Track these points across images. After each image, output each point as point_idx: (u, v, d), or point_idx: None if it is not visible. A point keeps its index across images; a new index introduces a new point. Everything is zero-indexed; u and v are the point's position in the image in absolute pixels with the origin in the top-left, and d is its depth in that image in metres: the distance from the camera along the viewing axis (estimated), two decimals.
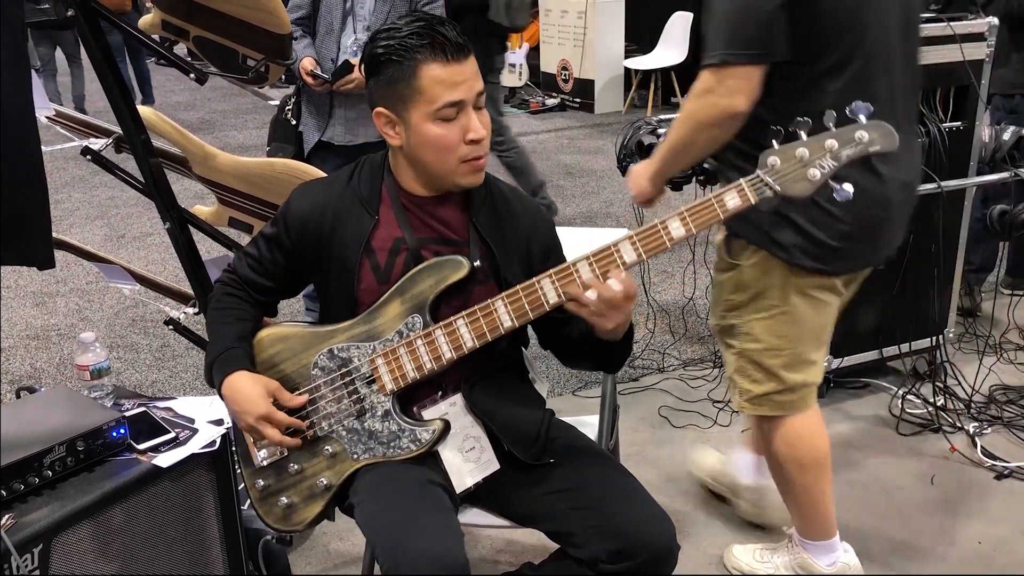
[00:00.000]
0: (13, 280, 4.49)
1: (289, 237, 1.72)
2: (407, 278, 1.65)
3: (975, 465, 2.79)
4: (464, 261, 1.63)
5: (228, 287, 1.79)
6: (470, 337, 1.61)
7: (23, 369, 3.58)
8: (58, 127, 2.41)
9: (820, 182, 1.51)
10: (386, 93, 1.60)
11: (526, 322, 1.61)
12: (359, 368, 1.67)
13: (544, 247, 1.74)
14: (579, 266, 1.55)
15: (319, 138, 3.10)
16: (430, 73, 1.55)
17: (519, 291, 1.58)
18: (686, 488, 2.72)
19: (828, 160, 1.51)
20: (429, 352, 1.63)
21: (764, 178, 1.51)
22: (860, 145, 1.51)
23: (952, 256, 3.19)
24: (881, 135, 1.51)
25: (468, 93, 1.58)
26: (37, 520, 1.60)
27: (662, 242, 1.54)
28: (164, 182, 2.18)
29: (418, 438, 1.66)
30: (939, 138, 2.95)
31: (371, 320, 1.67)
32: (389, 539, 1.53)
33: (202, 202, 2.52)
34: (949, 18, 2.93)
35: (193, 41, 2.14)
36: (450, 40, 1.56)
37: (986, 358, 3.25)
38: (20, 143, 1.61)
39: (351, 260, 1.68)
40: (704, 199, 1.53)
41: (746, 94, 1.85)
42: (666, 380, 3.38)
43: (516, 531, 1.77)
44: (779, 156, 1.52)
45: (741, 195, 1.52)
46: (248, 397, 1.65)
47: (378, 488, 1.64)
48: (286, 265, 1.75)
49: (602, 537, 1.59)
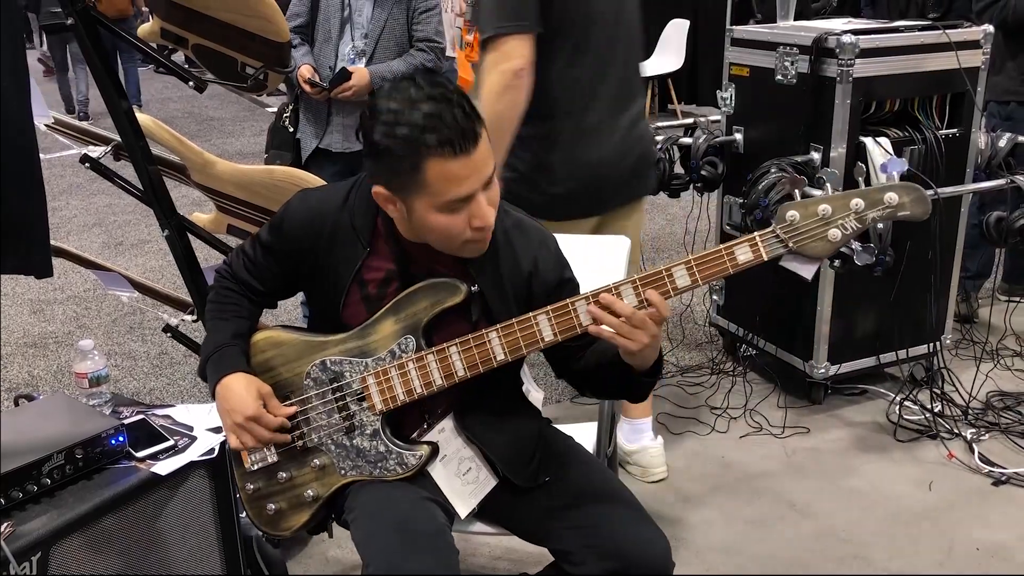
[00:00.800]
0: (11, 288, 4.49)
1: (283, 244, 1.69)
2: (403, 296, 1.61)
3: (972, 471, 2.79)
4: (461, 285, 1.59)
5: (227, 281, 1.77)
6: (462, 367, 1.58)
7: (21, 377, 3.57)
8: (57, 135, 2.41)
9: (840, 244, 1.43)
10: (387, 176, 1.49)
11: (520, 357, 1.57)
12: (350, 384, 1.65)
13: (547, 284, 1.65)
14: (577, 305, 1.51)
15: (316, 145, 3.11)
16: (437, 169, 1.43)
17: (514, 324, 1.55)
18: (683, 494, 2.72)
19: (852, 221, 1.41)
20: (420, 377, 1.60)
21: (779, 234, 1.44)
22: (889, 208, 1.41)
23: (949, 263, 3.20)
24: (912, 200, 1.42)
25: (477, 184, 1.46)
26: (35, 528, 1.60)
27: (666, 291, 1.48)
28: (163, 189, 2.18)
29: (404, 462, 1.65)
30: (935, 145, 2.96)
31: (365, 336, 1.64)
32: (383, 560, 1.52)
33: (200, 209, 2.52)
34: (945, 26, 2.94)
35: (192, 49, 2.14)
36: (461, 129, 1.41)
37: (983, 364, 3.26)
38: (19, 151, 1.61)
39: (340, 285, 1.64)
40: (714, 250, 1.46)
41: (522, 56, 2.16)
42: (664, 387, 3.38)
43: (514, 539, 1.77)
44: (799, 211, 1.43)
45: (754, 250, 1.46)
46: (240, 397, 1.63)
47: (371, 507, 1.62)
48: (278, 271, 1.72)
49: (598, 556, 1.58)
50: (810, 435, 3.03)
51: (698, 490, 2.75)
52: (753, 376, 3.40)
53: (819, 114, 2.89)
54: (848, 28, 2.94)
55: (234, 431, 1.65)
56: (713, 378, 3.41)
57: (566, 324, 1.52)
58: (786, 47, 2.98)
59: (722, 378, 3.40)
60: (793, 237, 1.44)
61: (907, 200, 1.42)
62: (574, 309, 1.51)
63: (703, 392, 3.33)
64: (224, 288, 1.76)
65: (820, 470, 2.84)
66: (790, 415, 3.13)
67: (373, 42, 3.03)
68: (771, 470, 2.84)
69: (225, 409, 1.65)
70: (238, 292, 1.75)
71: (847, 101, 2.82)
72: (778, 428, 3.06)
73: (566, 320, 1.52)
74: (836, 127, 2.85)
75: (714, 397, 3.28)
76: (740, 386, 3.32)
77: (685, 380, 3.42)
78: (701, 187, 3.26)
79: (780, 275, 1.53)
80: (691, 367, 3.53)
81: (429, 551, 1.54)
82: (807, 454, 2.92)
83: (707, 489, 2.75)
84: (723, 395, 3.27)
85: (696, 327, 3.84)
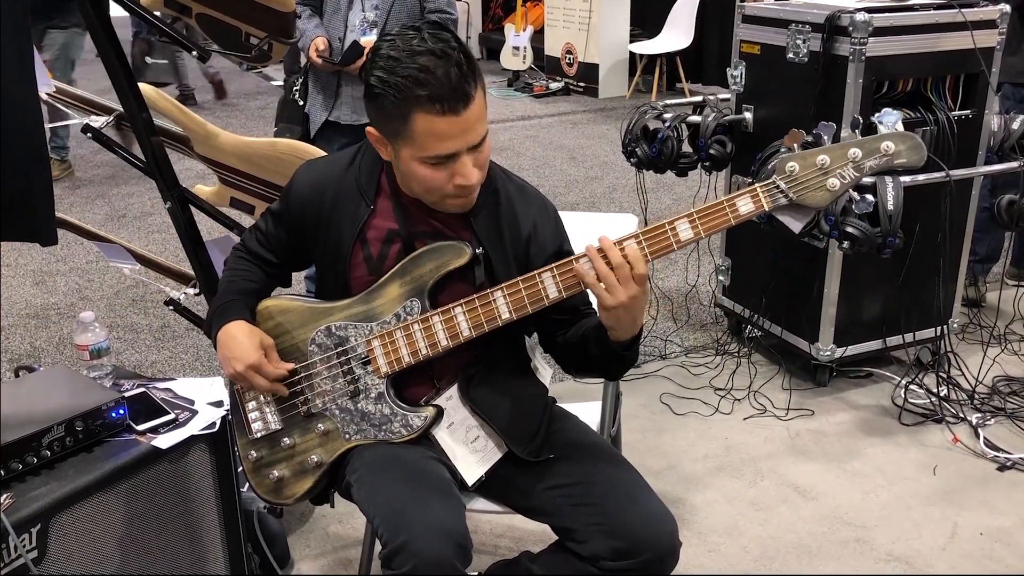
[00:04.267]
0: (13, 259, 4.48)
1: (290, 215, 1.73)
2: (408, 260, 1.63)
3: (978, 456, 2.78)
4: (466, 247, 1.61)
5: (240, 253, 1.81)
6: (467, 326, 1.59)
7: (23, 348, 3.57)
8: (59, 104, 2.38)
9: (839, 192, 1.46)
10: (378, 119, 1.53)
11: (524, 315, 1.57)
12: (355, 348, 1.67)
13: (544, 249, 1.67)
14: (581, 262, 1.52)
15: (326, 118, 3.08)
16: (423, 123, 1.45)
17: (519, 282, 1.56)
18: (687, 475, 2.72)
19: (850, 170, 1.45)
20: (425, 338, 1.61)
21: (779, 184, 1.47)
22: (885, 156, 1.44)
23: (958, 246, 3.17)
24: (908, 147, 1.45)
25: (462, 145, 1.48)
26: (35, 500, 1.59)
27: (669, 243, 1.49)
28: (165, 161, 2.16)
29: (409, 423, 1.65)
30: (948, 126, 2.93)
31: (370, 300, 1.66)
32: (390, 511, 1.52)
33: (203, 182, 2.50)
34: (960, 4, 2.90)
35: (195, 18, 2.11)
36: (453, 88, 1.42)
37: (990, 349, 3.25)
38: (23, 121, 1.60)
39: (344, 247, 1.67)
40: (716, 202, 1.48)
41: None
42: (668, 367, 3.37)
43: (516, 517, 1.76)
44: (798, 162, 1.46)
45: (755, 200, 1.47)
46: (241, 345, 1.65)
47: (377, 464, 1.63)
48: (288, 242, 1.76)
49: (604, 535, 1.57)
50: (814, 417, 3.02)
51: (701, 471, 2.74)
52: (758, 357, 3.39)
53: (830, 93, 2.85)
54: (861, 6, 2.89)
55: (235, 379, 1.68)
56: (718, 359, 3.40)
57: (570, 281, 1.53)
58: (798, 24, 2.94)
59: (727, 359, 3.39)
60: (793, 187, 1.47)
61: (903, 148, 1.44)
62: (578, 265, 1.52)
63: (707, 373, 3.31)
64: (238, 258, 1.81)
65: (824, 453, 2.82)
66: (794, 397, 3.12)
67: (384, 13, 3.00)
68: (775, 452, 2.83)
69: (226, 356, 1.67)
70: (251, 262, 1.80)
71: (859, 80, 2.78)
72: (782, 410, 3.05)
73: (570, 277, 1.53)
74: (847, 107, 2.81)
75: (718, 378, 3.26)
76: (744, 367, 3.30)
77: (689, 360, 3.41)
78: (709, 166, 3.23)
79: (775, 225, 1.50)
80: (696, 347, 3.51)
81: (437, 501, 1.53)
82: (811, 436, 2.91)
83: (710, 470, 2.75)
84: (727, 376, 3.25)
85: (701, 308, 3.82)
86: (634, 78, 8.40)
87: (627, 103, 8.03)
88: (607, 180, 5.72)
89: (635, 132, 3.21)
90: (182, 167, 2.52)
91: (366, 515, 1.60)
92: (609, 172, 5.89)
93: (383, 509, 1.53)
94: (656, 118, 3.21)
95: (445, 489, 1.59)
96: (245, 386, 1.70)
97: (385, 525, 1.50)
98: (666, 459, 2.80)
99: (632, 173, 3.44)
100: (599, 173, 5.90)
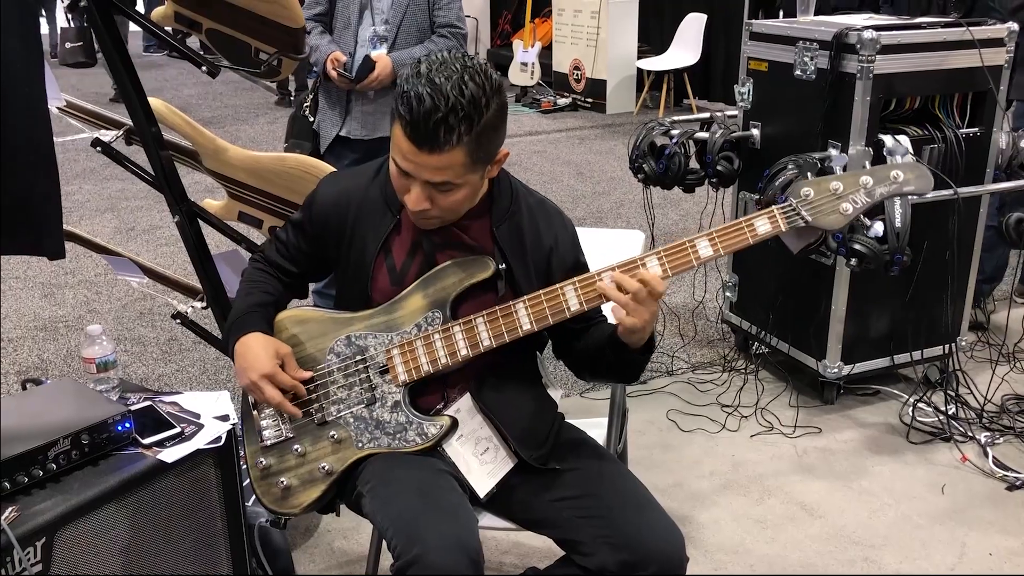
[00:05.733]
0: (22, 271, 4.50)
1: (312, 225, 1.74)
2: (432, 273, 1.66)
3: (986, 475, 2.76)
4: (491, 261, 1.64)
5: (258, 264, 1.83)
6: (487, 336, 1.61)
7: (30, 360, 3.57)
8: (69, 118, 2.39)
9: (851, 216, 1.56)
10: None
11: (545, 326, 1.61)
12: (374, 357, 1.68)
13: (564, 263, 1.71)
14: (603, 276, 1.57)
15: (337, 133, 3.09)
16: (397, 130, 1.51)
17: (541, 295, 1.60)
18: (693, 492, 2.70)
19: (861, 196, 1.56)
20: (445, 347, 1.63)
21: (797, 207, 1.56)
22: (895, 184, 1.56)
23: (966, 263, 3.16)
24: (916, 176, 1.57)
25: (415, 173, 1.51)
26: (40, 514, 1.58)
27: (689, 260, 1.56)
28: (174, 175, 2.17)
29: (424, 432, 1.66)
30: (955, 144, 2.93)
31: (392, 311, 1.68)
32: (403, 523, 1.51)
33: (212, 196, 2.51)
34: (969, 23, 2.90)
35: (206, 34, 2.13)
36: (426, 128, 1.45)
37: (999, 367, 3.23)
38: (33, 134, 1.60)
39: (368, 257, 1.69)
40: (734, 222, 1.56)
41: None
42: (675, 383, 3.36)
43: (522, 533, 1.75)
44: (813, 187, 1.56)
45: (772, 222, 1.56)
46: (257, 355, 1.66)
47: (390, 475, 1.63)
48: (309, 252, 1.78)
49: (611, 547, 1.57)
50: (822, 435, 3.00)
51: (707, 488, 2.73)
52: (765, 374, 3.37)
53: (838, 111, 2.85)
54: (869, 24, 2.90)
55: (250, 389, 1.69)
56: (725, 375, 3.39)
57: (592, 295, 1.58)
58: (806, 42, 2.95)
59: (734, 376, 3.37)
60: (808, 210, 1.56)
61: (911, 176, 1.56)
62: (600, 279, 1.57)
63: (714, 389, 3.30)
64: (255, 270, 1.83)
65: (831, 471, 2.81)
66: (802, 415, 3.10)
67: (395, 28, 3.01)
68: (781, 470, 2.82)
69: (241, 367, 1.68)
70: (268, 273, 1.81)
71: (867, 98, 2.78)
72: (789, 427, 3.03)
73: (592, 292, 1.57)
74: (855, 124, 2.81)
75: (725, 395, 3.25)
76: (752, 384, 3.29)
77: (696, 377, 3.40)
78: (716, 182, 3.23)
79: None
80: (703, 364, 3.50)
81: (451, 514, 1.54)
82: (818, 454, 2.90)
83: (716, 487, 2.73)
84: (734, 393, 3.24)
85: (708, 324, 3.82)
86: (642, 94, 8.41)
87: (634, 119, 8.04)
88: (614, 196, 5.73)
89: (642, 148, 3.21)
90: (190, 180, 2.53)
91: (378, 527, 1.60)
92: (616, 188, 5.89)
93: (397, 521, 1.53)
94: (663, 134, 3.22)
95: (459, 503, 1.59)
96: (259, 398, 1.70)
97: (399, 537, 1.50)
98: (672, 476, 2.79)
99: (639, 189, 3.44)
100: (606, 188, 5.91)
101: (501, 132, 1.55)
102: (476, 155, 1.51)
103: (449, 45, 3.07)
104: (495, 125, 1.51)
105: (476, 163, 1.53)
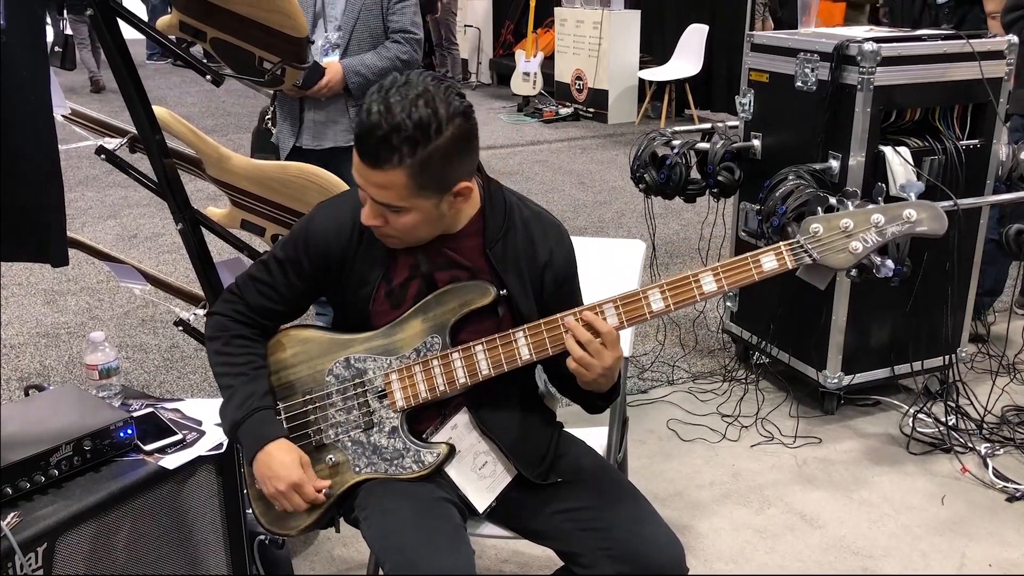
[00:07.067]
0: (24, 277, 4.51)
1: (310, 259, 1.67)
2: (432, 297, 1.63)
3: (986, 486, 2.76)
4: (491, 288, 1.62)
5: (233, 319, 1.71)
6: (486, 365, 1.60)
7: (33, 367, 3.58)
8: (74, 126, 2.41)
9: (861, 256, 1.51)
10: None
11: (544, 357, 1.60)
12: (372, 381, 1.66)
13: (557, 276, 1.69)
14: (605, 308, 1.55)
15: (293, 144, 3.04)
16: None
17: (541, 325, 1.58)
18: (693, 502, 2.70)
19: (872, 235, 1.51)
20: (444, 375, 1.62)
21: (804, 244, 1.52)
22: (907, 224, 1.51)
23: (966, 275, 3.17)
24: (930, 216, 1.51)
25: (363, 187, 1.52)
26: (42, 519, 1.59)
27: (692, 295, 1.54)
28: (177, 183, 2.18)
29: (422, 459, 1.65)
30: (955, 155, 2.94)
31: (391, 335, 1.66)
32: (401, 558, 1.51)
33: (215, 204, 2.52)
34: (968, 35, 2.91)
35: (210, 43, 2.14)
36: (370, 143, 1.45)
37: (999, 378, 3.23)
38: (39, 142, 1.61)
39: (371, 282, 1.66)
40: (740, 257, 1.53)
41: None
42: (675, 393, 3.36)
43: (521, 542, 1.76)
44: (822, 224, 1.52)
45: (779, 258, 1.53)
46: (283, 463, 1.62)
47: (387, 503, 1.62)
48: (303, 288, 1.70)
49: (610, 559, 1.57)
50: (822, 445, 3.00)
51: (707, 498, 2.73)
52: (765, 384, 3.38)
53: (838, 122, 2.87)
54: (870, 36, 2.91)
55: (274, 498, 1.64)
56: (725, 385, 3.39)
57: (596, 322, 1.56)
58: (807, 53, 2.96)
59: (734, 386, 3.38)
60: (817, 248, 1.51)
61: (924, 216, 1.51)
62: (601, 312, 1.55)
63: (715, 399, 3.31)
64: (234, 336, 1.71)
65: (831, 481, 2.81)
66: (802, 425, 3.10)
67: (347, 34, 2.96)
68: (781, 480, 2.82)
69: (267, 476, 1.63)
70: (248, 337, 1.71)
71: (867, 109, 2.80)
72: (789, 438, 3.04)
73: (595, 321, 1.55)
74: (855, 135, 2.82)
75: (726, 404, 3.25)
76: (752, 394, 3.29)
77: (697, 387, 3.40)
78: (717, 193, 3.24)
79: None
80: (703, 374, 3.51)
81: (448, 548, 1.53)
82: (818, 465, 2.90)
83: (716, 497, 2.73)
84: (735, 403, 3.24)
85: (709, 334, 3.82)
86: (643, 104, 8.44)
87: (636, 129, 8.06)
88: (615, 205, 5.74)
89: (644, 158, 3.22)
90: (193, 188, 2.54)
91: (376, 555, 1.59)
92: (618, 197, 5.90)
93: (394, 554, 1.53)
94: (665, 144, 3.23)
95: (456, 534, 1.58)
96: (283, 506, 1.65)
97: (395, 570, 1.50)
98: (672, 485, 2.79)
99: (640, 199, 3.46)
100: (608, 198, 5.92)
101: (458, 163, 1.50)
102: (420, 180, 1.47)
103: (402, 50, 2.99)
104: (448, 154, 1.47)
105: (423, 189, 1.48)
